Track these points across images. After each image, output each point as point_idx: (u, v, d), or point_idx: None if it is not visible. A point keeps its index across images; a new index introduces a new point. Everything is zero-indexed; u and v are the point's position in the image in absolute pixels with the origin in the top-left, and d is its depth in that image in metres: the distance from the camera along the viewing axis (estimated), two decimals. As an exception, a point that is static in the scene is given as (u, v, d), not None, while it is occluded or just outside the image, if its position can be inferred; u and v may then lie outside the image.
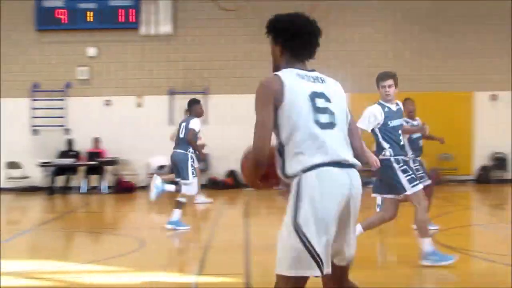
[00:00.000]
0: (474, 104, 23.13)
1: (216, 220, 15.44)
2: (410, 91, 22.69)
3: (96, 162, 21.66)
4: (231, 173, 22.51)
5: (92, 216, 17.45)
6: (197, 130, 13.82)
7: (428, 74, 23.26)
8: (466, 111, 23.06)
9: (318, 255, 4.82)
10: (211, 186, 22.14)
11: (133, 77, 22.94)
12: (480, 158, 22.98)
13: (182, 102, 22.23)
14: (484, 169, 22.86)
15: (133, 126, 22.33)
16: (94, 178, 22.15)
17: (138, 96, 22.83)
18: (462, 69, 23.26)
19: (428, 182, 12.04)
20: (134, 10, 22.82)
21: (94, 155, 21.92)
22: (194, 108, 14.24)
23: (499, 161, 22.93)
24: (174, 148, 14.04)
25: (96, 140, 22.33)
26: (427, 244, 9.55)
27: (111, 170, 22.09)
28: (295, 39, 5.41)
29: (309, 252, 4.81)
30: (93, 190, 21.79)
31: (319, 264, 4.84)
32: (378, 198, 11.08)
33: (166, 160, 21.42)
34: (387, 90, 10.01)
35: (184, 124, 13.90)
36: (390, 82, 10.09)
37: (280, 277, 5.02)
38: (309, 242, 4.81)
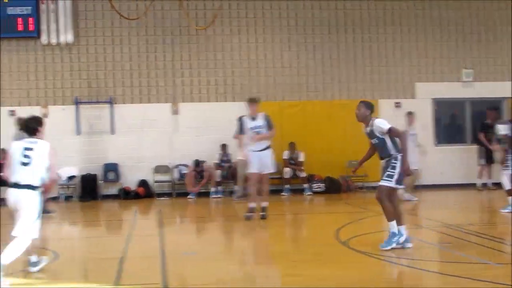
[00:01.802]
0: (379, 112, 23.42)
1: (130, 230, 15.19)
2: (316, 99, 23.14)
3: (2, 174, 20.96)
4: (143, 183, 22.22)
5: (3, 228, 16.93)
6: None
7: (333, 82, 23.50)
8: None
9: None
10: (124, 196, 21.78)
11: (37, 87, 22.42)
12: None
13: (88, 111, 21.99)
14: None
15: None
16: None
17: (43, 106, 22.30)
18: (367, 77, 23.61)
19: None
20: (33, 19, 22.25)
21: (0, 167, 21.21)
22: None
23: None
24: None
25: (2, 152, 21.66)
26: None
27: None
28: None
29: None
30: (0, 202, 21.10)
31: None
32: None
33: (75, 171, 21.05)
34: None
35: None
36: None
37: None
38: None
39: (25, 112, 21.88)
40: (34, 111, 21.83)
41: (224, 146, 22.12)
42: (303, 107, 23.19)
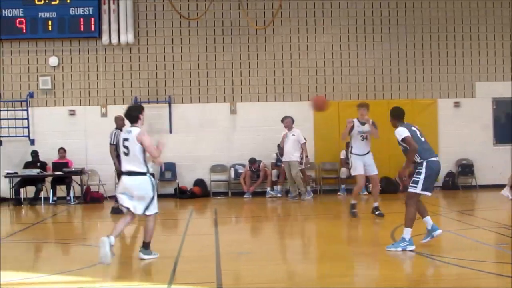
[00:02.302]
0: (438, 111, 23.27)
1: (186, 229, 15.31)
2: (375, 99, 23.03)
3: (63, 173, 21.37)
4: (199, 182, 22.37)
5: (60, 226, 17.21)
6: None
7: (392, 82, 23.39)
8: (431, 119, 23.19)
9: None
10: (180, 195, 21.94)
11: (96, 86, 22.74)
12: (446, 165, 23.10)
13: (147, 111, 22.09)
14: (450, 175, 23.00)
15: (99, 136, 22.07)
16: (61, 189, 21.81)
17: (103, 105, 22.65)
18: (426, 77, 23.45)
19: None
20: (94, 19, 22.57)
21: (60, 165, 21.60)
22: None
23: (465, 168, 23.09)
24: None
25: (62, 150, 22.06)
26: None
27: (78, 181, 21.78)
28: None
29: None
30: (60, 200, 21.50)
31: None
32: None
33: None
34: None
35: None
36: None
37: None
38: None
39: (85, 111, 22.47)
40: (94, 110, 22.34)
41: (280, 146, 22.14)
42: (359, 107, 23.07)
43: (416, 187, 11.58)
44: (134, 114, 11.31)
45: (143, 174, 10.94)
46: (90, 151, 22.31)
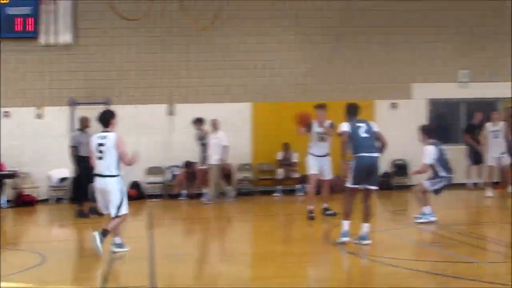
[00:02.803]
0: (375, 113, 23.48)
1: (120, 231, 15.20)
2: (314, 100, 23.12)
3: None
4: (135, 184, 22.19)
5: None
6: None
7: (330, 83, 23.53)
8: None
9: None
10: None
11: (33, 87, 22.42)
12: (381, 166, 23.29)
13: (84, 112, 21.97)
14: (385, 176, 23.22)
15: (33, 138, 21.83)
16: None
17: (38, 107, 22.35)
18: (363, 78, 23.66)
19: None
20: (32, 19, 22.28)
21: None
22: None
23: (400, 168, 23.36)
24: None
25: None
26: None
27: (11, 184, 21.45)
28: None
29: None
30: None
31: None
32: None
33: (67, 173, 21.03)
34: None
35: None
36: None
37: None
38: None
39: (20, 113, 22.15)
40: (29, 112, 22.06)
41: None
42: (299, 108, 23.10)
43: (348, 181, 12.20)
44: (106, 119, 11.94)
45: (115, 176, 11.59)
46: (24, 153, 21.93)
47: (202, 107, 22.72)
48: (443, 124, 24.70)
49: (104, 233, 11.64)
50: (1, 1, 22.09)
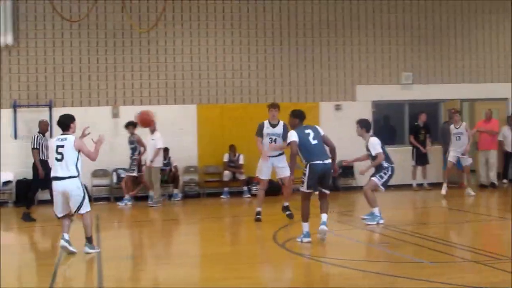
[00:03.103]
0: (320, 114, 23.60)
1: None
2: (258, 102, 23.21)
3: None
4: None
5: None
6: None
7: (275, 85, 23.61)
8: (312, 121, 23.44)
9: None
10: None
11: (-27, 90, 22.07)
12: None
13: (26, 115, 21.72)
14: (332, 177, 23.33)
15: (-24, 141, 21.54)
16: None
17: (-21, 110, 22.02)
18: (308, 80, 23.77)
19: None
20: (-28, 21, 21.92)
21: None
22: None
23: (345, 169, 23.49)
24: None
25: None
26: None
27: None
28: None
29: None
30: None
31: None
32: None
33: (11, 176, 20.74)
34: None
35: None
36: None
37: None
38: None
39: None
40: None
41: (165, 150, 22.01)
42: (244, 110, 23.22)
43: (303, 186, 12.53)
44: (66, 122, 12.29)
45: (75, 177, 11.89)
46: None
47: (147, 109, 22.60)
48: (388, 125, 25.03)
49: (89, 240, 12.06)
50: None
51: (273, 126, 15.87)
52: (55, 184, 11.94)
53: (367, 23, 24.23)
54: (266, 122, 15.95)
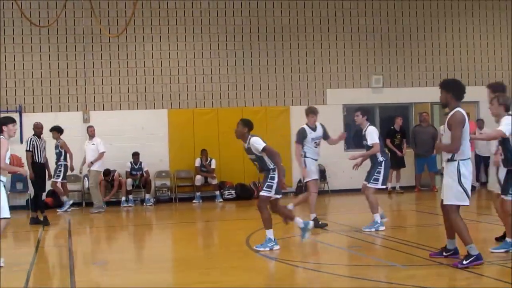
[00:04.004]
0: (291, 118, 23.63)
1: (38, 241, 14.95)
2: (229, 106, 23.22)
3: None
4: (52, 193, 21.67)
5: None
6: None
7: (246, 89, 23.63)
8: (284, 125, 23.54)
9: None
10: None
11: None
12: (298, 171, 23.48)
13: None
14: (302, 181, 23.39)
15: None
16: None
17: (-50, 115, 21.84)
18: (279, 84, 23.81)
19: None
20: None
21: None
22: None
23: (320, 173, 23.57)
24: None
25: None
26: None
27: None
28: None
29: None
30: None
31: None
32: None
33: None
34: None
35: None
36: None
37: None
38: None
39: None
40: None
41: (135, 155, 21.97)
42: (215, 114, 23.21)
43: (270, 191, 12.10)
44: None
45: None
46: None
47: (118, 114, 22.57)
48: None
49: None
50: None
51: (314, 129, 15.25)
52: None
53: (336, 26, 24.32)
54: (306, 128, 15.24)
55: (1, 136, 11.35)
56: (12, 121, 11.73)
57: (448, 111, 10.21)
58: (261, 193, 12.21)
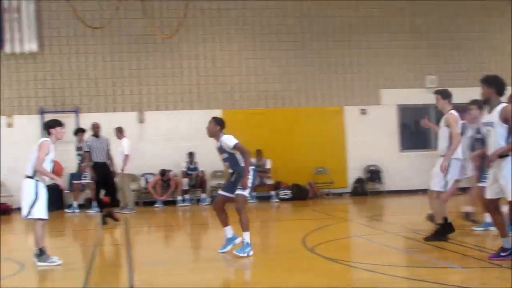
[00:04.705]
0: (345, 118, 23.57)
1: (97, 240, 15.09)
2: (282, 107, 23.21)
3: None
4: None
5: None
6: None
7: (299, 90, 23.60)
8: (337, 126, 23.49)
9: None
10: (89, 205, 21.50)
11: (1, 96, 22.16)
12: (354, 171, 23.48)
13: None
14: (359, 181, 23.32)
15: (5, 147, 21.61)
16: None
17: (8, 116, 22.13)
18: (333, 84, 23.74)
19: None
20: (-4, 27, 22.09)
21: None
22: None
23: (373, 174, 23.46)
24: None
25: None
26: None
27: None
28: None
29: None
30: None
31: None
32: None
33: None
34: None
35: None
36: None
37: None
38: None
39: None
40: (-1, 121, 21.80)
41: (191, 154, 22.11)
42: (269, 114, 23.25)
43: (247, 191, 11.82)
44: (45, 127, 11.72)
45: (29, 177, 11.40)
46: (-4, 162, 21.71)
47: (172, 114, 22.71)
48: (415, 129, 24.88)
49: (38, 252, 11.32)
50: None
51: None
52: None
53: (391, 26, 24.20)
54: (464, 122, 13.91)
55: (46, 139, 11.46)
56: (60, 124, 11.78)
57: (490, 108, 10.18)
58: (240, 194, 11.78)
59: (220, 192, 12.31)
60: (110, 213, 17.45)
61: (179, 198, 21.93)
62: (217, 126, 12.27)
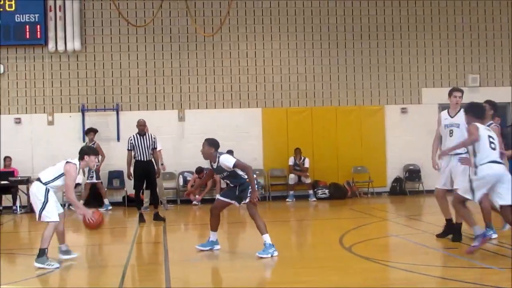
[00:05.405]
0: (386, 117, 23.48)
1: (134, 237, 15.19)
2: (323, 106, 23.19)
3: (8, 182, 20.97)
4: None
5: (6, 236, 16.88)
6: None
7: (340, 88, 23.55)
8: (378, 125, 23.41)
9: None
10: (128, 203, 21.69)
11: (43, 94, 22.48)
12: (393, 171, 23.38)
13: (94, 119, 22.04)
14: (398, 181, 23.22)
15: (45, 144, 21.90)
16: (7, 198, 21.40)
17: (49, 113, 22.41)
18: (373, 83, 23.65)
19: None
20: (40, 26, 22.32)
21: (6, 174, 21.21)
22: None
23: (412, 173, 23.33)
24: None
25: (8, 159, 21.70)
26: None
27: (25, 190, 21.36)
28: None
29: None
30: (6, 210, 21.12)
31: None
32: None
33: (80, 178, 20.96)
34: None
35: None
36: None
37: None
38: None
39: (31, 120, 22.15)
40: (40, 118, 22.05)
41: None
42: (309, 113, 23.22)
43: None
44: (81, 152, 11.61)
45: (42, 182, 11.46)
46: (36, 159, 21.93)
47: (212, 113, 22.78)
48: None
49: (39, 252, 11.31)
50: (8, 9, 22.11)
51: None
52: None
53: (432, 25, 24.03)
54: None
55: (75, 163, 11.43)
56: (95, 153, 11.83)
57: None
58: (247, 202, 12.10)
59: (219, 197, 12.59)
60: (156, 214, 17.52)
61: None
62: (211, 148, 12.20)
